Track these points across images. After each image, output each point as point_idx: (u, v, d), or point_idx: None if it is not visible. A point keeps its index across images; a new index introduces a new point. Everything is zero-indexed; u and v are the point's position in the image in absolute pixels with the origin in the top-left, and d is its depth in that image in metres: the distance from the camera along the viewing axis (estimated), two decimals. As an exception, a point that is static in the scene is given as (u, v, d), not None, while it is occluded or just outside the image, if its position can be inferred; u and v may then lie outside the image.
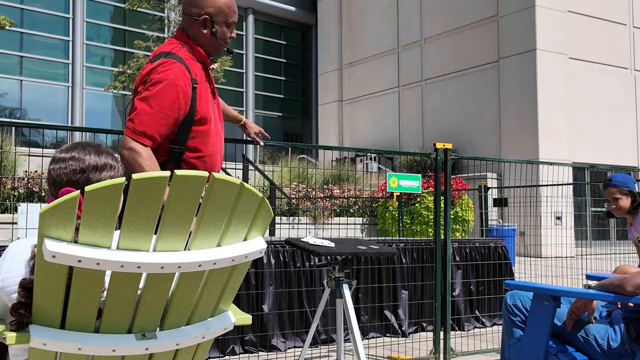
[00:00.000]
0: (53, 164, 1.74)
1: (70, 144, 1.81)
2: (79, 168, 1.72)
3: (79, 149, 1.76)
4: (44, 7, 19.96)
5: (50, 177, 1.73)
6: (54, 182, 1.72)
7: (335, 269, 3.07)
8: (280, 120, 25.39)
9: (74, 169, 1.72)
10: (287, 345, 4.44)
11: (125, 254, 1.43)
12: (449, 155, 4.56)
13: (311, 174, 14.15)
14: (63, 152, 1.76)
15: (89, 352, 1.48)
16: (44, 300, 1.44)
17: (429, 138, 18.58)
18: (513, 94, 16.30)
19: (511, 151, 16.10)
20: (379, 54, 20.91)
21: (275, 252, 4.45)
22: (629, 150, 17.34)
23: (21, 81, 19.52)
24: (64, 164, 1.72)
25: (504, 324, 2.81)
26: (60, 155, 1.75)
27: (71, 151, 1.76)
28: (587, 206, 16.15)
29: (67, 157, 1.74)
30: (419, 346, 4.74)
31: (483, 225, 10.38)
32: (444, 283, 4.50)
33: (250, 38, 24.23)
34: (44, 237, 1.37)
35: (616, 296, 2.37)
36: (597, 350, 2.52)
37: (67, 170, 1.71)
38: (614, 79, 17.23)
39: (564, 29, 16.24)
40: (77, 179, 1.71)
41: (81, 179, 1.71)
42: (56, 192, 1.69)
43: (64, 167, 1.72)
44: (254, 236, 1.68)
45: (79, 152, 1.75)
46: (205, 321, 1.69)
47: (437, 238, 4.53)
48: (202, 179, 1.47)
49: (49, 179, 1.74)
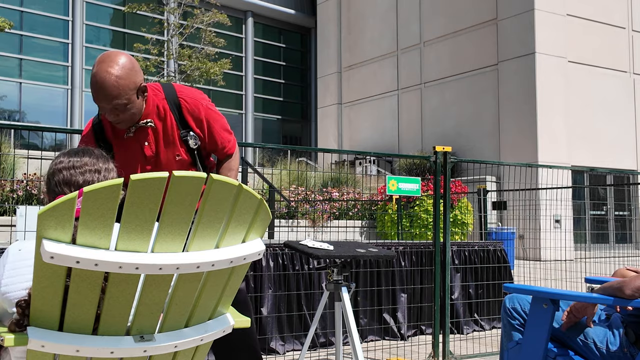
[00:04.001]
0: (64, 171, 1.74)
1: (71, 150, 1.82)
2: (94, 169, 1.76)
3: (86, 155, 1.80)
4: (44, 10, 19.98)
5: (62, 180, 1.73)
6: (68, 182, 1.71)
7: (334, 272, 3.07)
8: (279, 123, 25.40)
9: (90, 169, 1.74)
10: (285, 349, 4.43)
11: (123, 255, 1.43)
12: (448, 158, 4.55)
13: (310, 177, 14.15)
14: (69, 156, 1.77)
15: (87, 354, 1.47)
16: (42, 302, 1.43)
17: (428, 141, 18.59)
18: (512, 97, 16.32)
19: (510, 154, 16.12)
20: (378, 57, 20.93)
21: (274, 255, 4.45)
22: (628, 153, 17.35)
23: (20, 84, 19.53)
24: (80, 169, 1.75)
25: (503, 327, 2.81)
26: (72, 159, 1.76)
27: (80, 155, 1.78)
28: (586, 209, 16.16)
29: (79, 160, 1.76)
30: (418, 349, 4.73)
31: (482, 228, 10.39)
32: (443, 286, 4.50)
33: (249, 41, 24.25)
34: (42, 238, 1.37)
35: (615, 299, 2.37)
36: (596, 354, 2.51)
37: (83, 170, 1.74)
38: (613, 82, 17.26)
39: (563, 32, 16.26)
40: (95, 179, 1.74)
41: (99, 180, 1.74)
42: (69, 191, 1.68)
43: (80, 171, 1.74)
44: (252, 238, 1.68)
45: (88, 157, 1.78)
46: (204, 323, 1.69)
47: (436, 241, 4.53)
48: (200, 180, 1.47)
49: (59, 182, 1.73)
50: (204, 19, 16.82)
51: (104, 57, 2.47)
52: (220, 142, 2.78)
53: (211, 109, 2.76)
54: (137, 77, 2.48)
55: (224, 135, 2.79)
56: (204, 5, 17.80)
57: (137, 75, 2.48)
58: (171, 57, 16.81)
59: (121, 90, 2.43)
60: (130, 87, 2.46)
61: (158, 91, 2.69)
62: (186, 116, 2.70)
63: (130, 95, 2.47)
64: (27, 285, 1.51)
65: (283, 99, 25.28)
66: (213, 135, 2.76)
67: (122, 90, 2.43)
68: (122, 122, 2.57)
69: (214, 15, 16.84)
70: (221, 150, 2.81)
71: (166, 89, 2.72)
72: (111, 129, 2.71)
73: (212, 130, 2.75)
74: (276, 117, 25.18)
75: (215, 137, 2.76)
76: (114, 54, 2.48)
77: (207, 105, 2.75)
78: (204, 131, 2.73)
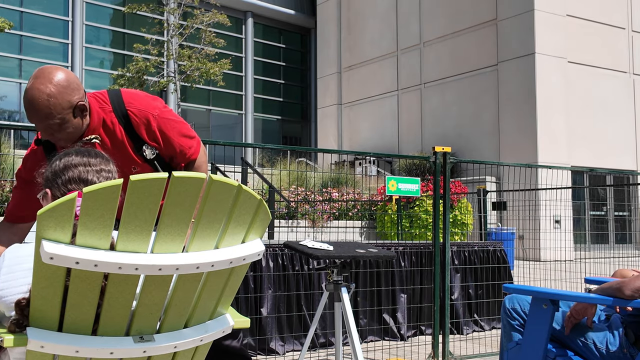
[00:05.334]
0: (80, 167, 1.74)
1: (77, 150, 1.81)
2: (107, 169, 1.78)
3: (98, 156, 1.81)
4: (44, 10, 19.98)
5: (76, 176, 1.72)
6: (85, 180, 1.71)
7: (334, 272, 3.07)
8: (279, 123, 25.40)
9: (104, 169, 1.77)
10: (285, 349, 4.43)
11: (123, 255, 1.43)
12: (447, 159, 4.55)
13: (310, 177, 14.15)
14: (79, 155, 1.78)
15: (86, 354, 1.47)
16: (42, 303, 1.43)
17: (428, 141, 18.60)
18: (512, 97, 16.32)
19: (510, 155, 16.12)
20: (378, 57, 20.94)
21: (274, 256, 4.45)
22: (627, 153, 17.36)
23: (20, 84, 19.53)
24: (96, 167, 1.76)
25: (503, 328, 2.81)
26: (84, 158, 1.77)
27: (93, 156, 1.79)
28: (586, 210, 16.16)
29: (93, 159, 1.77)
30: (418, 350, 4.73)
31: (482, 228, 10.39)
32: (443, 286, 4.50)
33: (249, 41, 24.25)
34: (42, 239, 1.37)
35: (615, 300, 2.37)
36: (595, 354, 2.51)
37: (98, 169, 1.76)
38: (613, 82, 17.26)
39: (562, 33, 16.27)
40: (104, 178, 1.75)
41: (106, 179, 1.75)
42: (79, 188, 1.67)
43: (96, 169, 1.75)
44: (252, 239, 1.68)
45: (100, 157, 1.80)
46: (204, 324, 1.69)
47: (436, 241, 4.53)
48: (200, 181, 1.47)
49: (72, 179, 1.72)
50: (204, 19, 16.84)
51: (38, 73, 2.24)
52: (179, 148, 2.55)
53: (165, 116, 2.52)
54: (72, 96, 2.24)
55: (183, 141, 2.56)
56: (203, 5, 17.81)
57: (72, 94, 2.24)
58: (171, 58, 16.80)
59: (52, 110, 2.20)
60: (64, 106, 2.22)
61: (105, 103, 2.45)
62: (136, 129, 2.46)
63: (65, 114, 2.23)
64: (24, 289, 1.50)
65: (283, 99, 25.29)
66: (171, 144, 2.53)
67: (53, 109, 2.20)
68: (59, 141, 2.34)
69: (213, 15, 16.85)
70: (182, 156, 2.58)
71: (113, 99, 2.47)
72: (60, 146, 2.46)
73: (168, 140, 2.52)
74: (276, 117, 25.19)
75: (173, 145, 2.53)
76: (49, 69, 2.25)
77: (160, 115, 2.50)
78: (159, 142, 2.51)
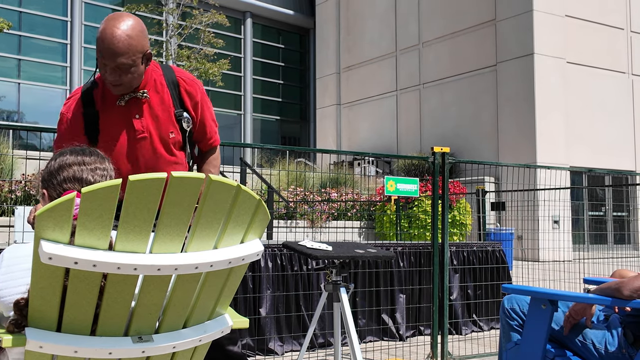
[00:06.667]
0: (74, 166, 1.73)
1: (72, 149, 1.81)
2: (102, 167, 1.78)
3: (93, 154, 1.80)
4: (42, 10, 19.96)
5: (71, 176, 1.72)
6: (79, 179, 1.70)
7: (332, 272, 3.07)
8: (278, 124, 25.40)
9: (99, 167, 1.77)
10: (284, 349, 4.43)
11: (122, 255, 1.43)
12: (446, 159, 4.56)
13: (309, 178, 14.15)
14: (74, 154, 1.77)
15: (85, 354, 1.47)
16: (41, 303, 1.43)
17: (426, 142, 18.60)
18: (511, 97, 16.33)
19: (509, 155, 16.13)
20: (377, 57, 20.94)
21: (272, 256, 4.45)
22: (626, 154, 17.37)
23: (19, 84, 19.51)
24: (90, 166, 1.75)
25: (502, 328, 2.81)
26: (78, 157, 1.76)
27: (87, 154, 1.79)
28: (585, 210, 16.17)
29: (88, 158, 1.77)
30: (417, 350, 4.73)
31: (481, 229, 10.40)
32: (442, 287, 4.50)
33: (248, 42, 24.25)
34: (40, 239, 1.37)
35: (613, 300, 2.37)
36: (594, 355, 2.52)
37: (93, 167, 1.76)
38: (612, 83, 17.28)
39: (561, 33, 16.28)
40: None
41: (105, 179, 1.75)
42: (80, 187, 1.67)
43: (91, 168, 1.75)
44: (251, 239, 1.68)
45: (95, 156, 1.80)
46: (202, 324, 1.69)
47: (434, 242, 4.53)
48: (199, 181, 1.47)
49: (67, 178, 1.71)
50: (203, 19, 16.83)
51: (115, 15, 2.37)
52: (209, 131, 2.75)
53: (206, 96, 2.74)
54: (145, 42, 2.39)
55: (213, 126, 2.77)
56: (202, 5, 17.80)
57: (146, 40, 2.39)
58: (170, 58, 16.80)
59: (130, 49, 2.32)
60: (139, 49, 2.36)
61: (156, 67, 2.62)
62: (183, 95, 2.62)
63: (137, 57, 2.36)
64: (22, 289, 1.50)
65: (282, 99, 25.28)
66: (204, 122, 2.71)
67: (130, 48, 2.32)
68: (120, 86, 2.42)
69: (212, 15, 16.84)
70: (207, 139, 2.77)
71: (164, 67, 2.65)
72: (101, 98, 2.55)
73: (204, 117, 2.71)
74: (275, 117, 25.18)
75: (205, 125, 2.72)
76: (127, 15, 2.38)
77: (203, 92, 2.71)
78: (198, 114, 2.67)
